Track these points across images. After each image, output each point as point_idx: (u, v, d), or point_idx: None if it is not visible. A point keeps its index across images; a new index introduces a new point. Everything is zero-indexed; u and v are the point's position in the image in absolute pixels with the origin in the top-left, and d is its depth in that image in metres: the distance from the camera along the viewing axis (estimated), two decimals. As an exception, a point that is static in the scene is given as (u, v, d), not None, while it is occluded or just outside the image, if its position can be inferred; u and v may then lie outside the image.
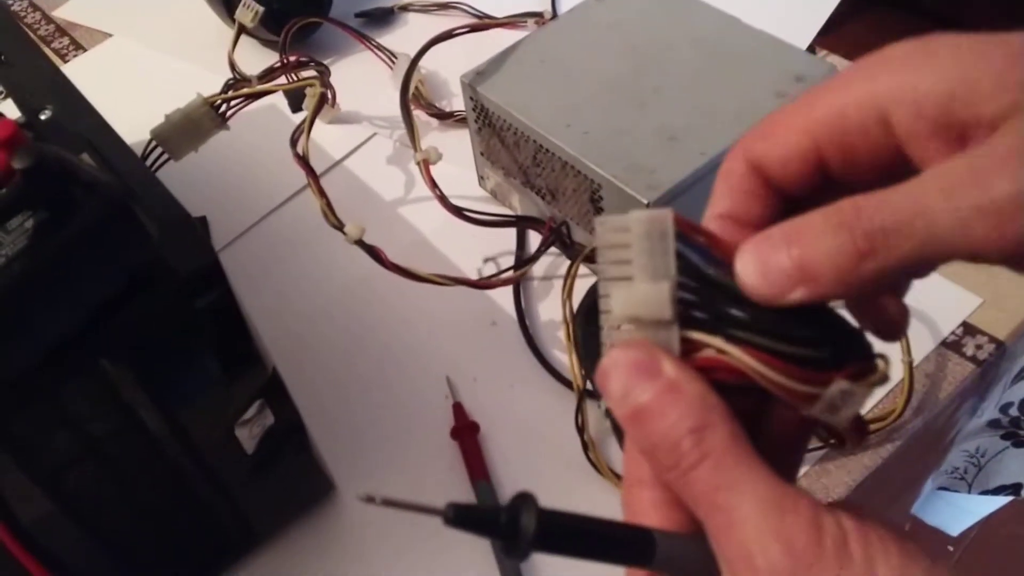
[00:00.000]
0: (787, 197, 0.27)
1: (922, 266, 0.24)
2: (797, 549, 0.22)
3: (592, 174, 0.53)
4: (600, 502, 0.50)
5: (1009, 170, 0.22)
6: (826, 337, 0.25)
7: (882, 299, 0.27)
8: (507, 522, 0.23)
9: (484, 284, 0.56)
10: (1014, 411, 0.73)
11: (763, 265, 0.24)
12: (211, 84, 0.63)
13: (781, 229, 0.24)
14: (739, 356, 0.24)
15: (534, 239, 0.63)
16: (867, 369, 0.25)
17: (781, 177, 0.26)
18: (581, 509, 0.25)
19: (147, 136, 0.59)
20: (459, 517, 0.23)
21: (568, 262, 0.57)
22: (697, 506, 0.24)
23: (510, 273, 0.58)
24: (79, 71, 0.83)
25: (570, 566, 0.47)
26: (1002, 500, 0.93)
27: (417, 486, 0.53)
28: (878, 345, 0.26)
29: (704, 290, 0.25)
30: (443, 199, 0.57)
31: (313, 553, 0.51)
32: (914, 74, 0.24)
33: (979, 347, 0.55)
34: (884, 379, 0.25)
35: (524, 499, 0.23)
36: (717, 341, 0.24)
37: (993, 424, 0.73)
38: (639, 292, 0.25)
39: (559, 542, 0.23)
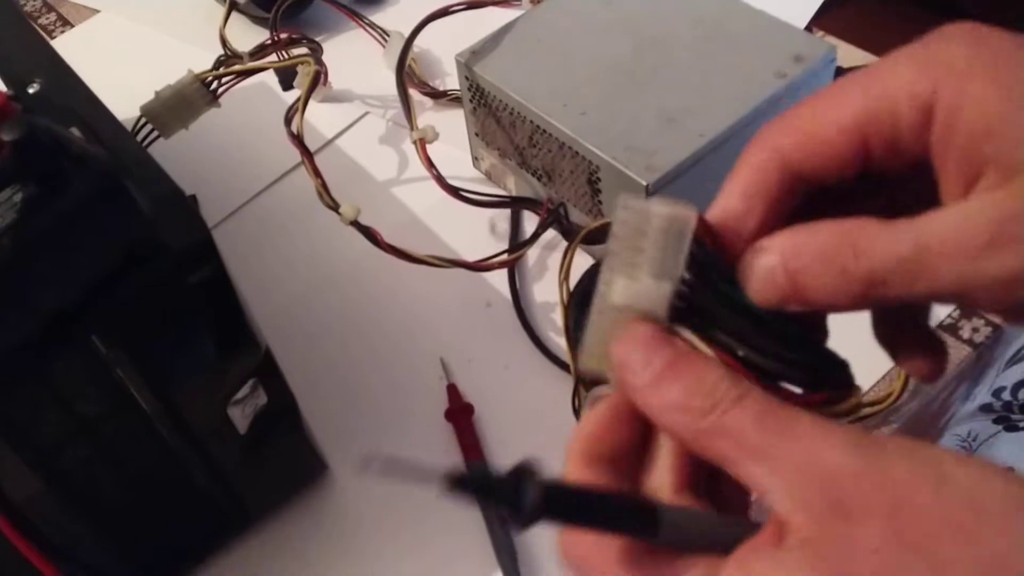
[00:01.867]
0: (814, 189, 0.26)
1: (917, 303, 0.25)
2: (864, 441, 0.22)
3: (590, 155, 0.52)
4: (596, 484, 0.49)
5: (1018, 244, 0.22)
6: (806, 361, 0.25)
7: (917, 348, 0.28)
8: (513, 491, 0.22)
9: (480, 266, 0.56)
10: (1007, 395, 0.73)
11: (766, 276, 0.25)
12: (201, 61, 0.62)
13: (778, 252, 0.25)
14: (713, 358, 0.25)
15: (529, 220, 0.62)
16: (838, 397, 0.26)
17: (818, 177, 0.26)
18: None
19: (136, 113, 0.58)
20: (459, 485, 0.22)
21: (565, 244, 0.56)
22: (742, 441, 0.23)
23: (506, 255, 0.58)
24: (66, 47, 0.81)
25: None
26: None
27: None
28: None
29: (704, 293, 0.25)
30: (440, 179, 0.57)
31: (306, 533, 0.50)
32: (964, 81, 0.23)
33: (975, 330, 0.54)
34: (851, 413, 0.26)
35: (527, 468, 0.23)
36: (698, 342, 0.25)
37: (985, 408, 0.73)
38: (641, 286, 0.25)
39: (563, 511, 0.23)
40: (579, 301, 0.52)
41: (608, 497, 0.24)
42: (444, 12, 0.60)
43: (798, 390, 0.25)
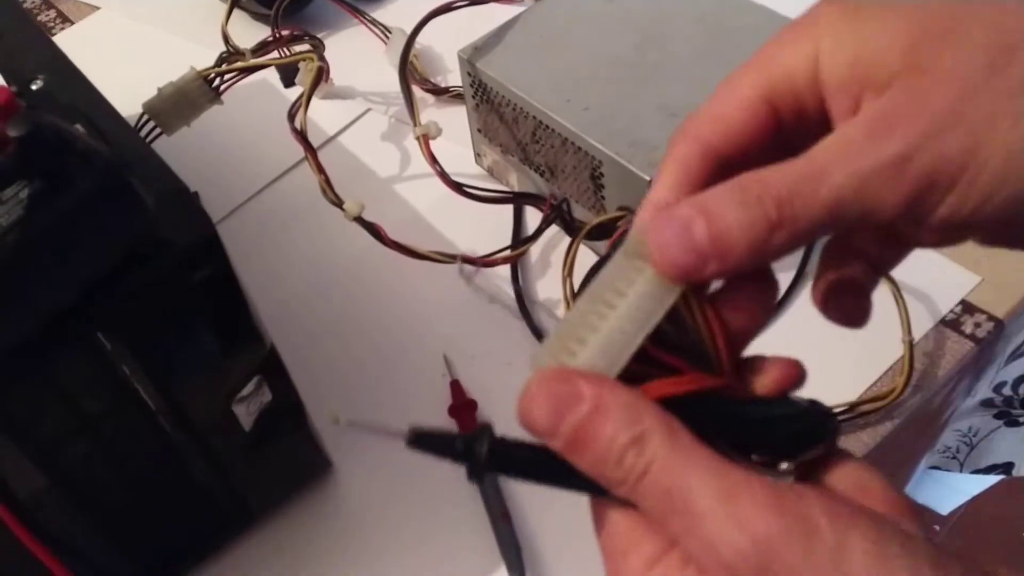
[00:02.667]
0: (735, 167, 0.27)
1: (832, 230, 0.25)
2: (758, 532, 0.22)
3: (593, 151, 0.52)
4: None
5: (897, 130, 0.23)
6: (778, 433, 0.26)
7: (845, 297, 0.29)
8: (463, 448, 0.25)
9: (484, 262, 0.56)
10: (1007, 390, 0.73)
11: (677, 240, 0.25)
12: (201, 58, 0.62)
13: (691, 205, 0.25)
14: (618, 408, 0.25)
15: (532, 217, 0.62)
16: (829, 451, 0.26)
17: (738, 154, 0.27)
18: None
19: (138, 110, 0.58)
20: (419, 440, 0.25)
21: (567, 240, 0.56)
22: (655, 513, 0.23)
23: (509, 251, 0.58)
24: (66, 45, 0.80)
25: (573, 553, 0.47)
26: (993, 479, 0.93)
27: (415, 464, 0.52)
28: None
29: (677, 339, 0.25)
30: (443, 175, 0.57)
31: (310, 531, 0.50)
32: (838, 35, 0.26)
33: (978, 325, 0.54)
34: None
35: (483, 428, 0.25)
36: (660, 385, 0.25)
37: (986, 403, 0.73)
38: (611, 338, 0.25)
39: (512, 467, 0.25)
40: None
41: (554, 454, 0.25)
42: (447, 8, 0.60)
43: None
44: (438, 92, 0.70)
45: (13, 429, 0.36)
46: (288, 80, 0.69)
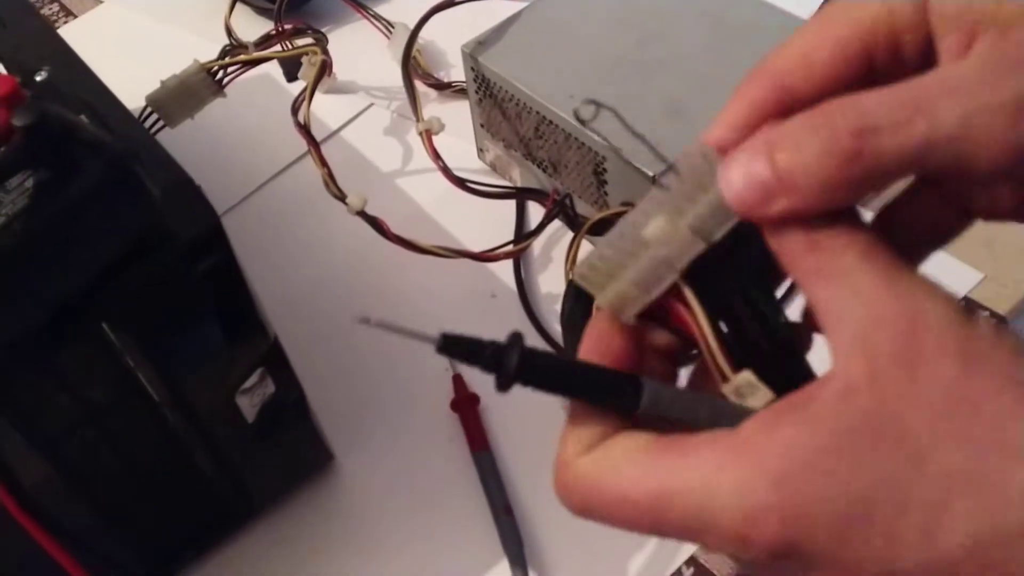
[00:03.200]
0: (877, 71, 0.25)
1: (915, 172, 0.23)
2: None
3: (596, 146, 0.52)
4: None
5: (1022, 70, 0.21)
6: (773, 355, 0.25)
7: None
8: (492, 355, 0.24)
9: (487, 256, 0.56)
10: (1008, 388, 0.73)
11: (744, 176, 0.23)
12: (204, 51, 0.61)
13: (764, 135, 0.23)
14: (700, 322, 0.25)
15: (534, 211, 0.62)
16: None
17: (818, 96, 0.24)
18: None
19: (141, 103, 0.58)
20: (448, 346, 0.24)
21: (570, 235, 0.56)
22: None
23: (511, 246, 0.58)
24: (69, 38, 0.81)
25: (576, 546, 0.47)
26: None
27: (418, 458, 0.52)
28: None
29: (727, 256, 0.25)
30: (446, 170, 0.57)
31: (312, 523, 0.50)
32: None
33: (981, 322, 0.54)
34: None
35: (513, 338, 0.24)
36: (695, 304, 0.25)
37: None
38: (677, 233, 0.25)
39: (541, 378, 0.24)
40: (574, 293, 0.52)
41: (588, 368, 0.25)
42: (448, 4, 0.59)
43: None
44: (440, 87, 0.70)
45: (18, 419, 0.36)
46: (291, 74, 0.68)
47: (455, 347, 0.24)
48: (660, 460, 0.23)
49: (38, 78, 0.42)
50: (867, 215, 0.26)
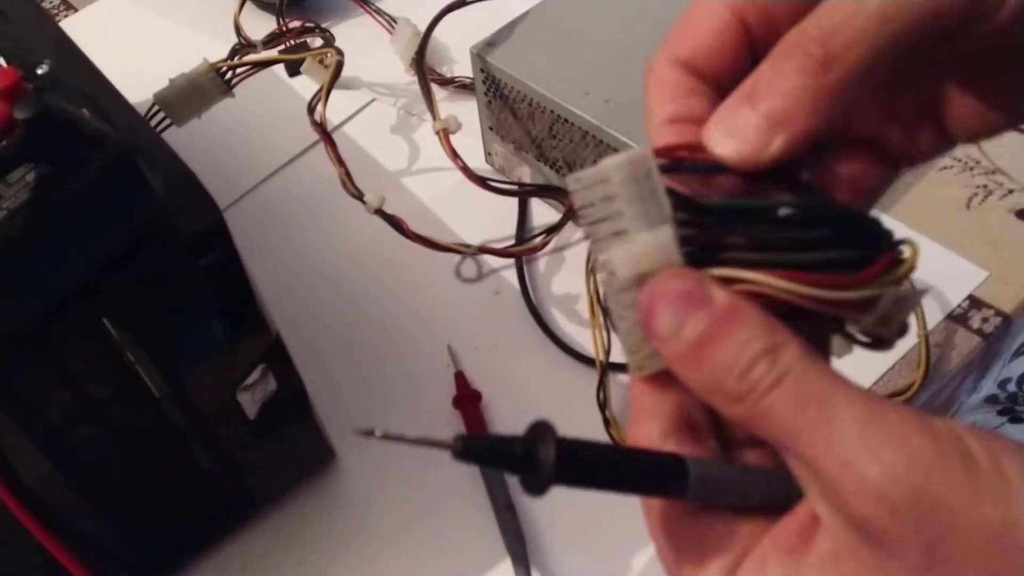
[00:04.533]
0: (722, 86, 0.25)
1: (892, 52, 0.22)
2: (912, 449, 0.19)
3: (615, 143, 0.52)
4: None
5: None
6: (842, 233, 0.22)
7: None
8: (523, 453, 0.21)
9: (506, 252, 0.55)
10: (1012, 387, 0.73)
11: (733, 128, 0.23)
12: (209, 47, 0.61)
13: (737, 92, 0.23)
14: (767, 281, 0.22)
15: (537, 210, 0.62)
16: (898, 258, 0.23)
17: (714, 68, 0.25)
18: None
19: (144, 99, 0.57)
20: (469, 450, 0.21)
21: (574, 234, 0.56)
22: (779, 431, 0.21)
23: (538, 240, 0.57)
24: (72, 32, 0.81)
25: (578, 545, 0.47)
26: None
27: (419, 455, 0.52)
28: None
29: (703, 221, 0.23)
30: (466, 170, 0.56)
31: (313, 520, 0.50)
32: None
33: (985, 320, 0.54)
34: (914, 267, 0.23)
35: (541, 428, 0.21)
36: (734, 272, 0.22)
37: (991, 399, 0.73)
38: (640, 244, 0.22)
39: (582, 473, 0.21)
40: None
41: (630, 454, 0.22)
42: (461, 3, 0.59)
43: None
44: (444, 83, 0.70)
45: (18, 413, 0.36)
46: (293, 70, 0.68)
47: (476, 449, 0.21)
48: None
49: (39, 71, 0.42)
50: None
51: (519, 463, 0.21)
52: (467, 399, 0.53)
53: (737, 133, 0.23)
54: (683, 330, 0.22)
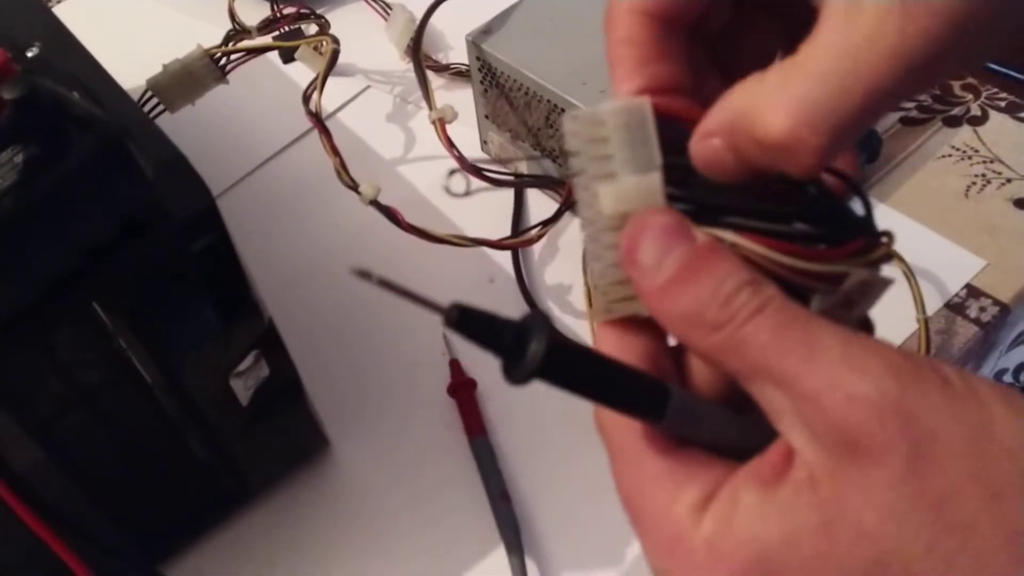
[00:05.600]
0: (700, 31, 0.25)
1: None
2: (897, 366, 0.19)
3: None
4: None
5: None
6: (823, 212, 0.23)
7: None
8: (513, 340, 0.20)
9: (503, 244, 0.55)
10: (1008, 378, 0.73)
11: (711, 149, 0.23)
12: (200, 32, 0.61)
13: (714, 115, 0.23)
14: (744, 243, 0.22)
15: (534, 201, 0.62)
16: (872, 245, 0.23)
17: (678, 8, 0.25)
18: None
19: (137, 85, 0.57)
20: (461, 321, 0.21)
21: (569, 223, 0.56)
22: (759, 356, 0.21)
23: (531, 233, 0.57)
24: (63, 17, 0.80)
25: (572, 534, 0.47)
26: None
27: (413, 443, 0.52)
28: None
29: (692, 178, 0.23)
30: (461, 159, 0.56)
31: (307, 508, 0.50)
32: None
33: (983, 309, 0.54)
34: (889, 257, 0.24)
35: (538, 320, 0.20)
36: (717, 231, 0.23)
37: (987, 390, 0.73)
38: (627, 185, 0.23)
39: (565, 374, 0.21)
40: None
41: (617, 367, 0.22)
42: (455, -9, 0.58)
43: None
44: (440, 69, 0.69)
45: (8, 400, 0.36)
46: (287, 56, 0.68)
47: (469, 322, 0.21)
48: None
49: (29, 54, 0.41)
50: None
51: (507, 349, 0.20)
52: (462, 387, 0.53)
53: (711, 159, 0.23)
54: (666, 260, 0.22)
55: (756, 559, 0.20)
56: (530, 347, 0.20)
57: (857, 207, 0.24)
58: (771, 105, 0.21)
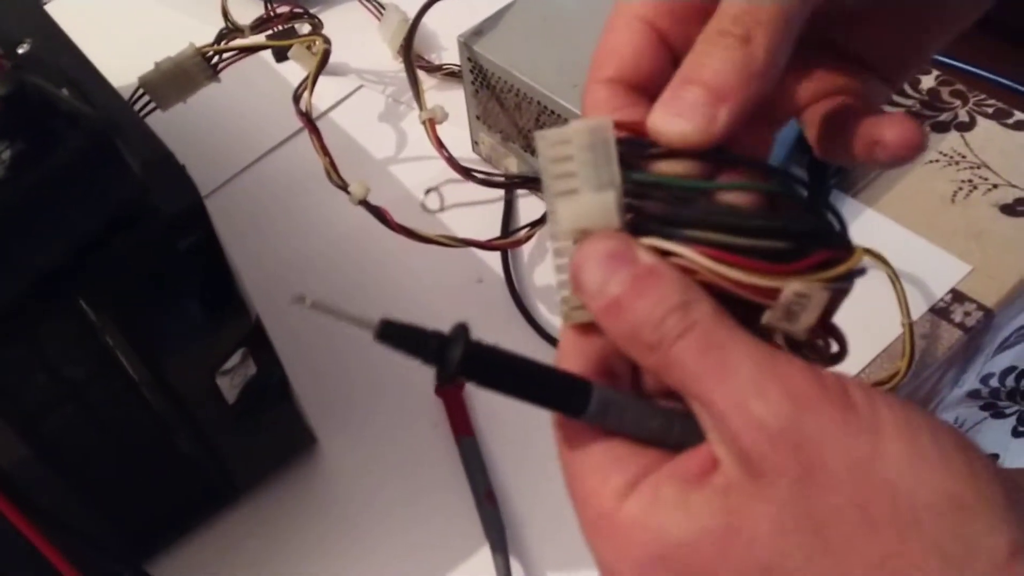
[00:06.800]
0: (654, 94, 0.26)
1: (796, 25, 0.24)
2: (797, 391, 0.21)
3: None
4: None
5: None
6: (790, 226, 0.24)
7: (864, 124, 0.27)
8: (437, 348, 0.23)
9: (491, 245, 0.55)
10: (994, 382, 0.73)
11: (678, 109, 0.24)
12: (192, 30, 0.61)
13: (674, 79, 0.25)
14: (690, 256, 0.24)
15: (523, 202, 0.62)
16: (836, 259, 0.24)
17: (640, 77, 0.27)
18: None
19: (128, 82, 0.57)
20: (388, 334, 0.23)
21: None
22: (684, 377, 0.23)
23: (520, 235, 0.57)
24: (55, 14, 0.80)
25: (557, 534, 0.47)
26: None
27: (401, 442, 0.52)
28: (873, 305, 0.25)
29: (652, 194, 0.25)
30: (451, 160, 0.56)
31: (293, 506, 0.50)
32: None
33: (967, 314, 0.54)
34: (852, 272, 0.24)
35: (457, 329, 0.23)
36: (666, 244, 0.24)
37: (973, 395, 0.73)
38: (584, 203, 0.24)
39: (485, 374, 0.23)
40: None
41: (537, 367, 0.24)
42: (449, -9, 0.59)
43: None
44: (432, 69, 0.70)
45: (-7, 396, 0.36)
46: (281, 55, 0.68)
47: (396, 336, 0.23)
48: None
49: (20, 50, 0.41)
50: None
51: (431, 355, 0.23)
52: (449, 386, 0.53)
53: (682, 113, 0.24)
54: (607, 286, 0.24)
55: (662, 551, 0.22)
56: (448, 355, 0.23)
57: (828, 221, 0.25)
58: None
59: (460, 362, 0.23)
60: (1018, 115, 0.64)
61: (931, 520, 0.20)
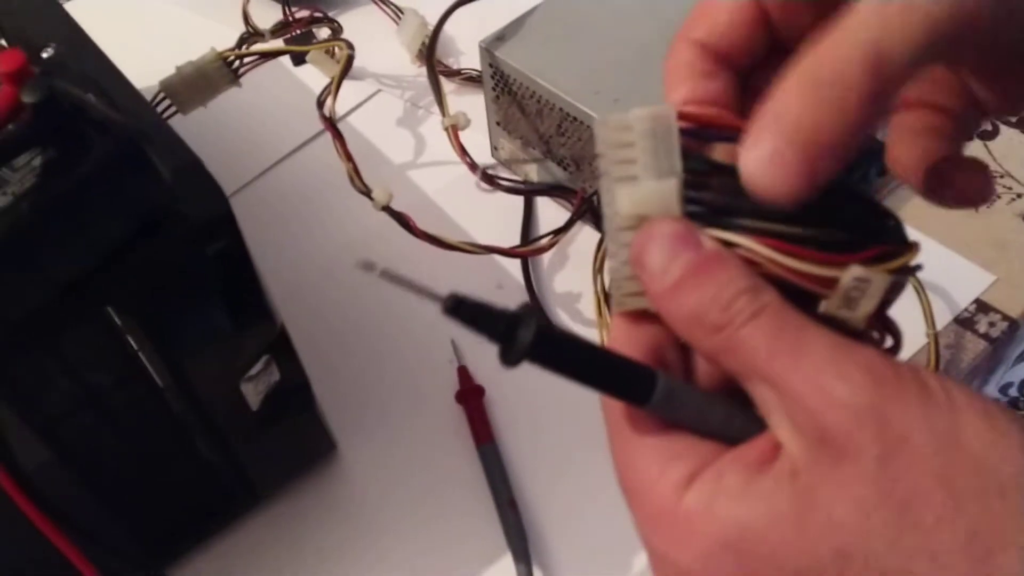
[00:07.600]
0: (740, 69, 0.27)
1: (929, 57, 0.22)
2: (879, 374, 0.21)
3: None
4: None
5: None
6: (847, 219, 0.24)
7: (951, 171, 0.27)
8: (505, 328, 0.22)
9: (515, 253, 0.55)
10: (1014, 391, 0.73)
11: (770, 172, 0.23)
12: (213, 34, 0.61)
13: (760, 125, 0.23)
14: (749, 245, 0.23)
15: (544, 209, 0.62)
16: (892, 253, 0.24)
17: (730, 47, 0.26)
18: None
19: (148, 85, 0.57)
20: (458, 309, 0.22)
21: (598, 235, 0.55)
22: (753, 359, 0.22)
23: (542, 242, 0.57)
24: (77, 17, 0.80)
25: (579, 542, 0.47)
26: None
27: (421, 449, 0.52)
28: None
29: (712, 184, 0.24)
30: (473, 166, 0.56)
31: (314, 512, 0.50)
32: None
33: (992, 324, 0.54)
34: (909, 269, 0.24)
35: (528, 311, 0.23)
36: (726, 234, 0.24)
37: (993, 404, 0.73)
38: (645, 190, 0.24)
39: (553, 358, 0.23)
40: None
41: (604, 354, 0.24)
42: (469, -1, 0.58)
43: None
44: (451, 74, 0.69)
45: (19, 401, 0.35)
46: (299, 59, 0.68)
47: (465, 310, 0.22)
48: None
49: (44, 55, 0.41)
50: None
51: (500, 335, 0.22)
52: (470, 394, 0.53)
53: (775, 175, 0.22)
54: (673, 265, 0.23)
55: (729, 538, 0.22)
56: (520, 333, 0.22)
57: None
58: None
59: (531, 343, 0.22)
60: (1041, 123, 0.64)
61: (1016, 494, 0.20)
